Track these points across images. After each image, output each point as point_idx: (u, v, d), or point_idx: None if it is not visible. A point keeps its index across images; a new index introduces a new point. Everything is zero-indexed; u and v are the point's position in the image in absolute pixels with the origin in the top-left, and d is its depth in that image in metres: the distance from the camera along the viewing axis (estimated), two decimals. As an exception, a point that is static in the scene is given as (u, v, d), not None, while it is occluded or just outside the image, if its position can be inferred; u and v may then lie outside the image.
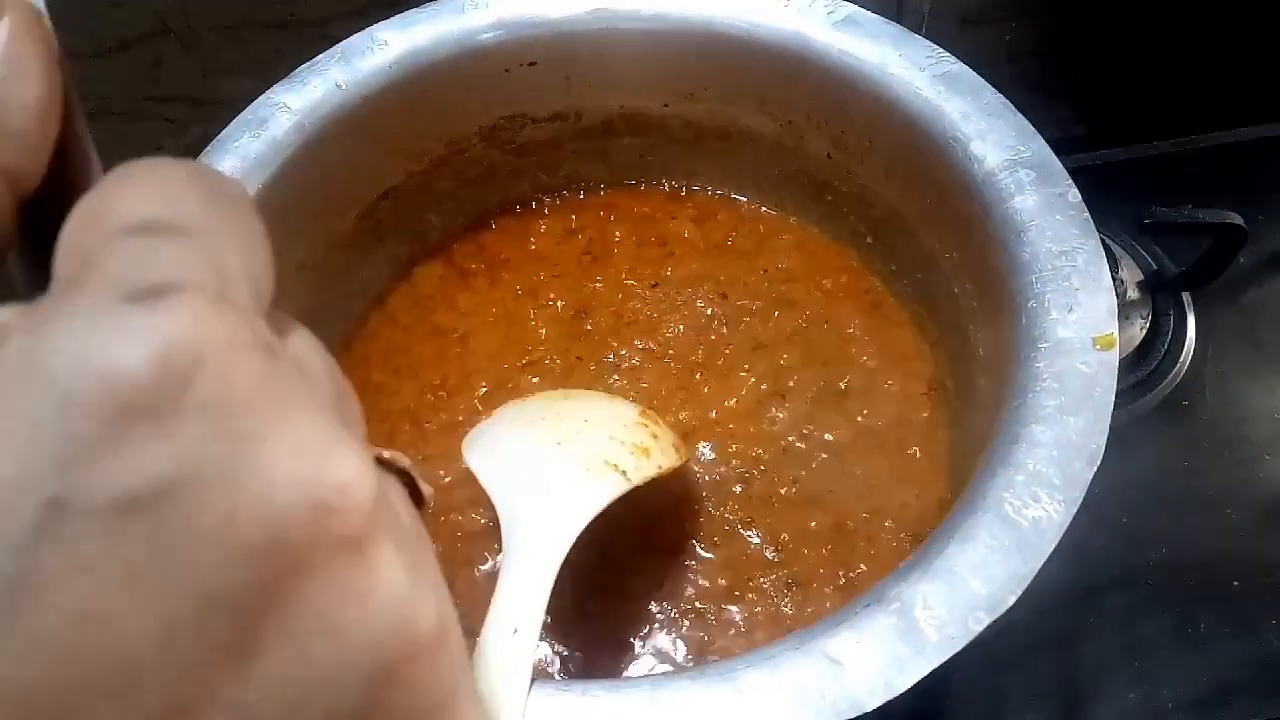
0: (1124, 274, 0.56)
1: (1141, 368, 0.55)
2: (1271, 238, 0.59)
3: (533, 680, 0.28)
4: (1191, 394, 0.55)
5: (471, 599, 0.40)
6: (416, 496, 0.18)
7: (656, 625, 0.39)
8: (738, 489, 0.43)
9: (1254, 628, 0.48)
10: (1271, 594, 0.49)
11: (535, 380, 0.47)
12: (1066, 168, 0.38)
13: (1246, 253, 0.57)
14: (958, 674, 0.49)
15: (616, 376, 0.47)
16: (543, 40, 0.45)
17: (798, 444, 0.44)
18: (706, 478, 0.43)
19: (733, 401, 0.46)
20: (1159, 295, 0.57)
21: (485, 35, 0.44)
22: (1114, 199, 0.60)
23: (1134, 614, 0.49)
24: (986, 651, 0.48)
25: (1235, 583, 0.49)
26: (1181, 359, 0.56)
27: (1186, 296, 0.57)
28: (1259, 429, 0.53)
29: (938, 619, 0.28)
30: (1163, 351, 0.55)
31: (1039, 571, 0.47)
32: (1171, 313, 0.57)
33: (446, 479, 0.44)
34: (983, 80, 0.40)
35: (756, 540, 0.41)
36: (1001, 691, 0.48)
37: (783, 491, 0.43)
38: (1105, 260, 0.35)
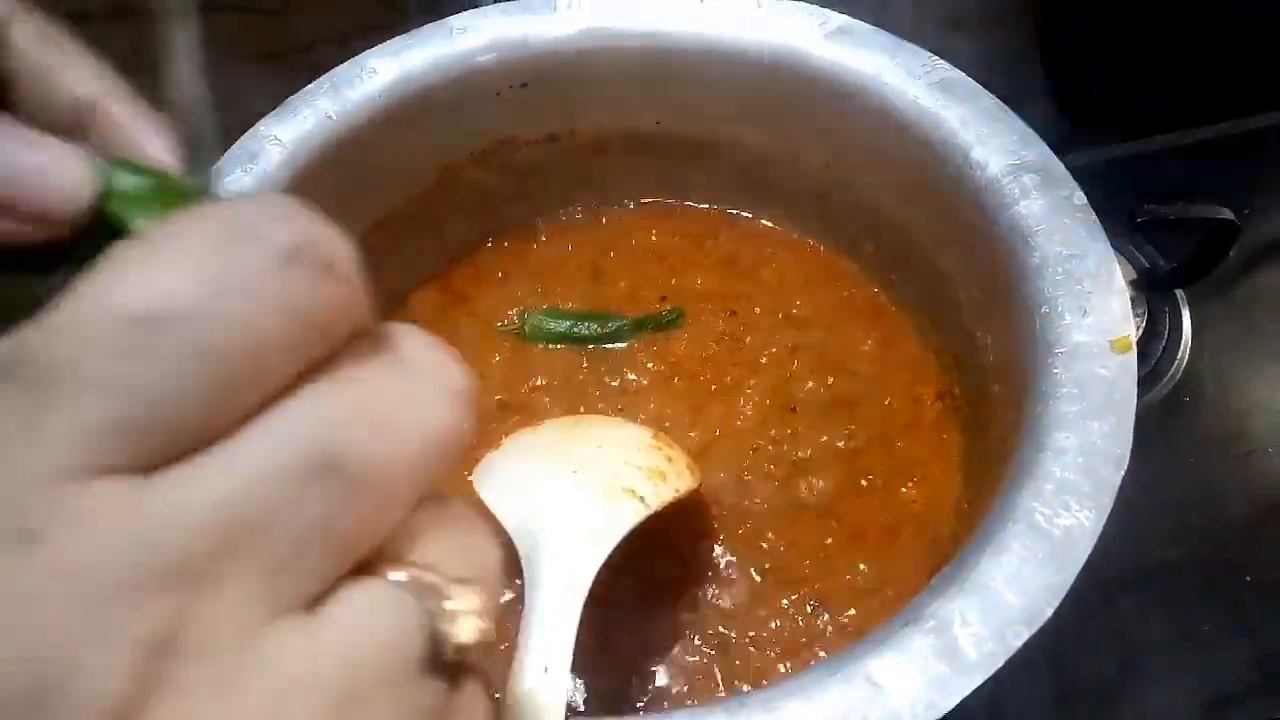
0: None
1: (1141, 366, 0.55)
2: (1263, 231, 0.59)
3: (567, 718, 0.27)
4: (1190, 390, 0.55)
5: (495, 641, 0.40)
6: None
7: (682, 652, 0.39)
8: (753, 506, 0.42)
9: (1262, 624, 0.48)
10: (1278, 589, 0.49)
11: (546, 401, 0.46)
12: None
13: (1238, 247, 0.57)
14: (992, 675, 0.48)
15: (624, 398, 0.46)
16: (534, 62, 0.45)
17: (809, 457, 0.44)
18: (721, 497, 0.43)
19: (742, 418, 0.45)
20: (1153, 293, 0.57)
21: (476, 59, 0.44)
22: (1104, 197, 0.60)
23: (1139, 612, 0.49)
24: (1010, 658, 0.48)
25: (1246, 578, 0.49)
26: (1178, 355, 0.56)
27: (1180, 293, 0.58)
28: (1259, 422, 0.53)
29: (976, 635, 0.28)
30: (1160, 349, 0.55)
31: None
32: (1166, 310, 0.57)
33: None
34: (980, 86, 0.40)
35: (776, 558, 0.41)
36: (1006, 693, 0.48)
37: (798, 506, 0.42)
38: (1116, 263, 0.34)
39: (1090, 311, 0.34)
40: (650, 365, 0.47)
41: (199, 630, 0.11)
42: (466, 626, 0.13)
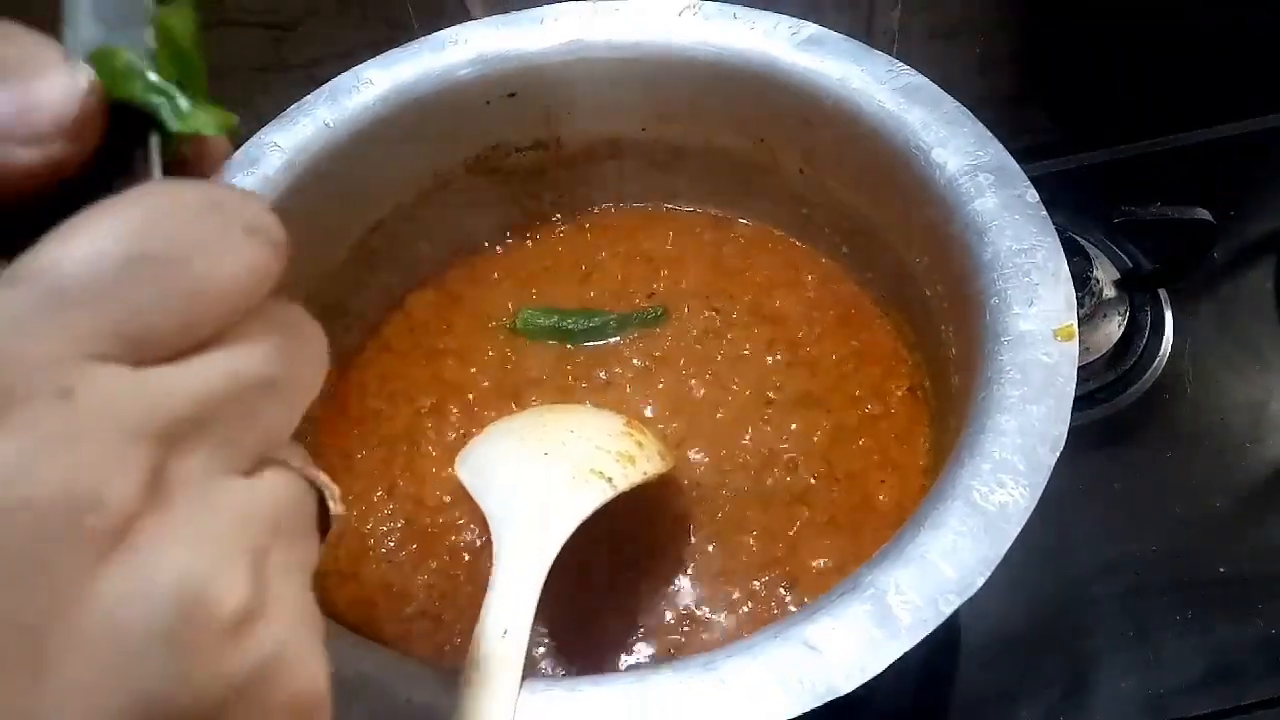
0: (1100, 273, 0.57)
1: (1121, 363, 0.56)
2: (1244, 232, 0.60)
3: (524, 678, 0.29)
4: (1172, 387, 0.56)
5: (473, 613, 0.41)
6: (325, 517, 0.20)
7: (656, 625, 0.41)
8: (730, 493, 0.44)
9: (1242, 614, 0.49)
10: (1257, 580, 0.49)
11: (533, 399, 0.48)
12: (1041, 172, 0.39)
13: (1220, 248, 0.58)
14: (962, 664, 0.50)
15: (609, 390, 0.48)
16: (521, 72, 0.47)
17: (786, 448, 0.45)
18: (700, 484, 0.44)
19: (722, 410, 0.47)
20: (1135, 293, 0.58)
21: (465, 70, 0.46)
22: (1089, 201, 0.62)
23: (1123, 604, 0.50)
24: (986, 643, 0.49)
25: (1221, 569, 0.50)
26: (1160, 353, 0.57)
27: (1163, 293, 0.59)
28: (1238, 418, 0.54)
29: (910, 604, 0.29)
30: (1141, 347, 0.57)
31: (1030, 564, 0.48)
32: (1149, 309, 0.58)
33: (443, 501, 0.45)
34: (942, 91, 0.42)
35: (750, 541, 0.43)
36: (1002, 681, 0.49)
37: (773, 494, 0.44)
38: (1063, 256, 0.36)
39: (1037, 301, 0.35)
40: (635, 360, 0.49)
41: (178, 474, 0.15)
42: (335, 505, 0.20)
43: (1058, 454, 0.31)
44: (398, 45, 0.47)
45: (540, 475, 0.35)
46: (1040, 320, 0.35)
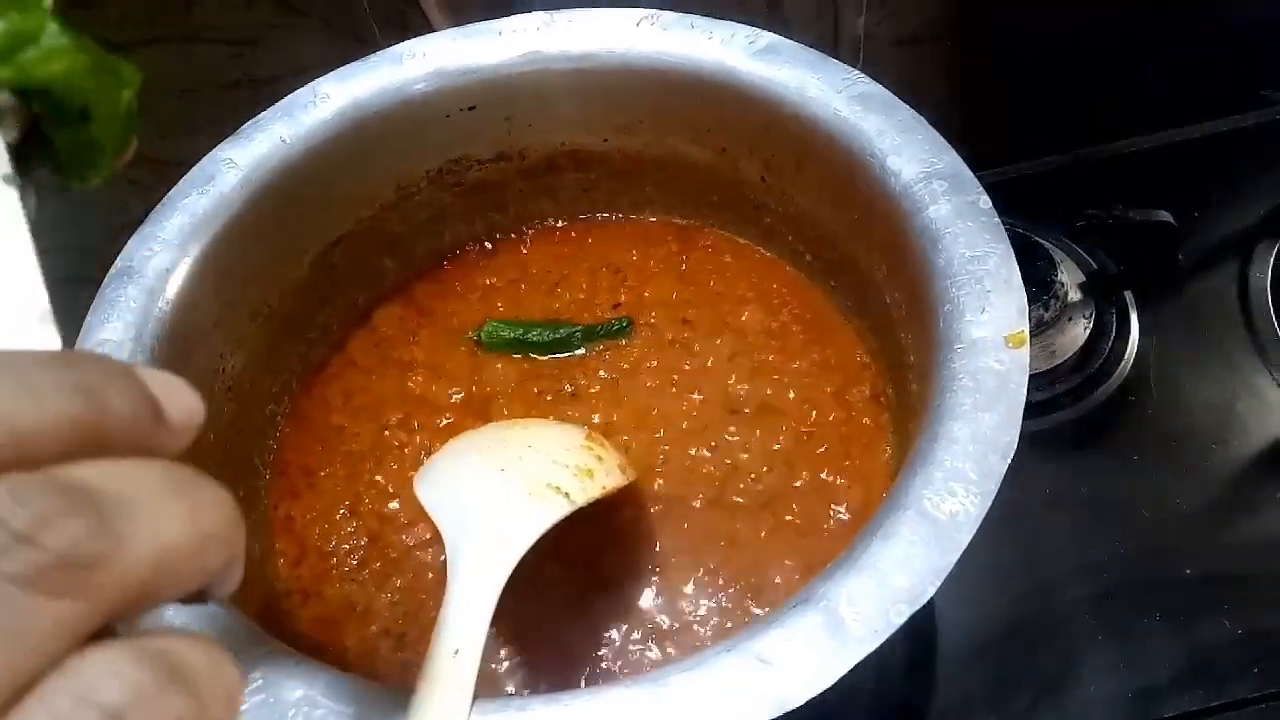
0: (1064, 276, 0.57)
1: (1087, 366, 0.56)
2: (1208, 233, 0.61)
3: (476, 698, 0.29)
4: (1138, 390, 0.56)
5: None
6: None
7: (620, 640, 0.40)
8: (694, 505, 0.44)
9: (1212, 614, 0.49)
10: (1226, 580, 0.50)
11: (502, 407, 0.48)
12: (1006, 176, 0.39)
13: (1185, 249, 0.59)
14: (939, 668, 0.50)
15: (575, 402, 0.48)
16: (479, 85, 0.47)
17: (750, 458, 0.45)
18: (665, 496, 0.44)
19: (687, 421, 0.47)
20: (1100, 296, 0.58)
21: (422, 84, 0.46)
22: (1053, 204, 0.62)
23: (1096, 606, 0.50)
24: (961, 648, 0.49)
25: (1187, 570, 0.50)
26: (1126, 356, 0.57)
27: (1129, 295, 0.59)
28: (1204, 419, 0.54)
29: (862, 614, 0.29)
30: (1107, 349, 0.57)
31: (1001, 569, 0.48)
32: (1114, 312, 0.58)
33: (406, 518, 0.45)
34: (897, 98, 0.42)
35: (715, 552, 0.42)
36: (979, 685, 0.49)
37: (738, 503, 0.44)
38: (1015, 262, 0.36)
39: (989, 309, 0.35)
40: (601, 372, 0.49)
41: None
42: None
43: (1009, 461, 0.31)
44: (361, 59, 0.47)
45: (496, 492, 0.35)
46: (992, 327, 0.35)
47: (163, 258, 0.41)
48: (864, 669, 0.28)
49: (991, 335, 0.34)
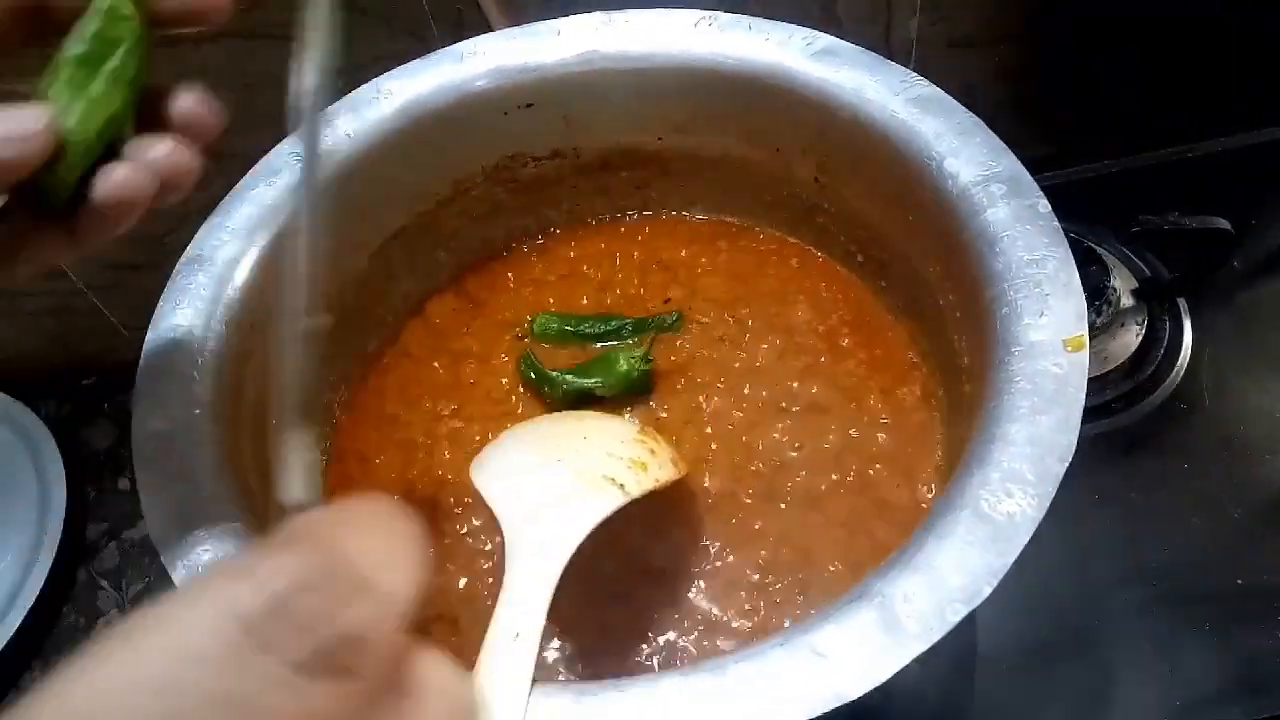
0: (1117, 282, 0.57)
1: (1139, 373, 0.56)
2: (1264, 241, 0.60)
3: (534, 683, 0.29)
4: (1190, 397, 0.55)
5: (490, 617, 0.42)
6: None
7: (669, 631, 0.41)
8: (743, 500, 0.44)
9: (1261, 625, 0.49)
10: (1273, 591, 0.49)
11: (549, 404, 0.49)
12: (1059, 181, 0.39)
13: (1240, 257, 0.58)
14: (978, 678, 0.50)
15: (624, 397, 0.48)
16: (538, 83, 0.48)
17: (799, 456, 0.45)
18: (714, 491, 0.45)
19: (736, 416, 0.47)
20: (1153, 302, 0.58)
21: (482, 81, 0.47)
22: (1107, 210, 0.62)
23: (1142, 615, 0.50)
24: (1004, 654, 0.49)
25: (1239, 580, 0.49)
26: (1179, 363, 0.56)
27: (1182, 302, 0.58)
28: (1257, 428, 0.54)
29: (917, 612, 0.29)
30: (1159, 356, 0.56)
31: (1047, 575, 0.48)
32: (1167, 318, 0.58)
33: (459, 506, 0.46)
34: (955, 101, 0.42)
35: (763, 548, 0.43)
36: (1020, 692, 0.49)
37: (787, 499, 0.44)
38: (1074, 266, 0.36)
39: (1048, 312, 0.35)
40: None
41: None
42: None
43: (1066, 464, 0.31)
44: (419, 57, 0.48)
45: (553, 481, 0.36)
46: (1051, 331, 0.35)
47: (231, 247, 0.42)
48: (905, 671, 0.28)
49: (1050, 339, 0.35)
